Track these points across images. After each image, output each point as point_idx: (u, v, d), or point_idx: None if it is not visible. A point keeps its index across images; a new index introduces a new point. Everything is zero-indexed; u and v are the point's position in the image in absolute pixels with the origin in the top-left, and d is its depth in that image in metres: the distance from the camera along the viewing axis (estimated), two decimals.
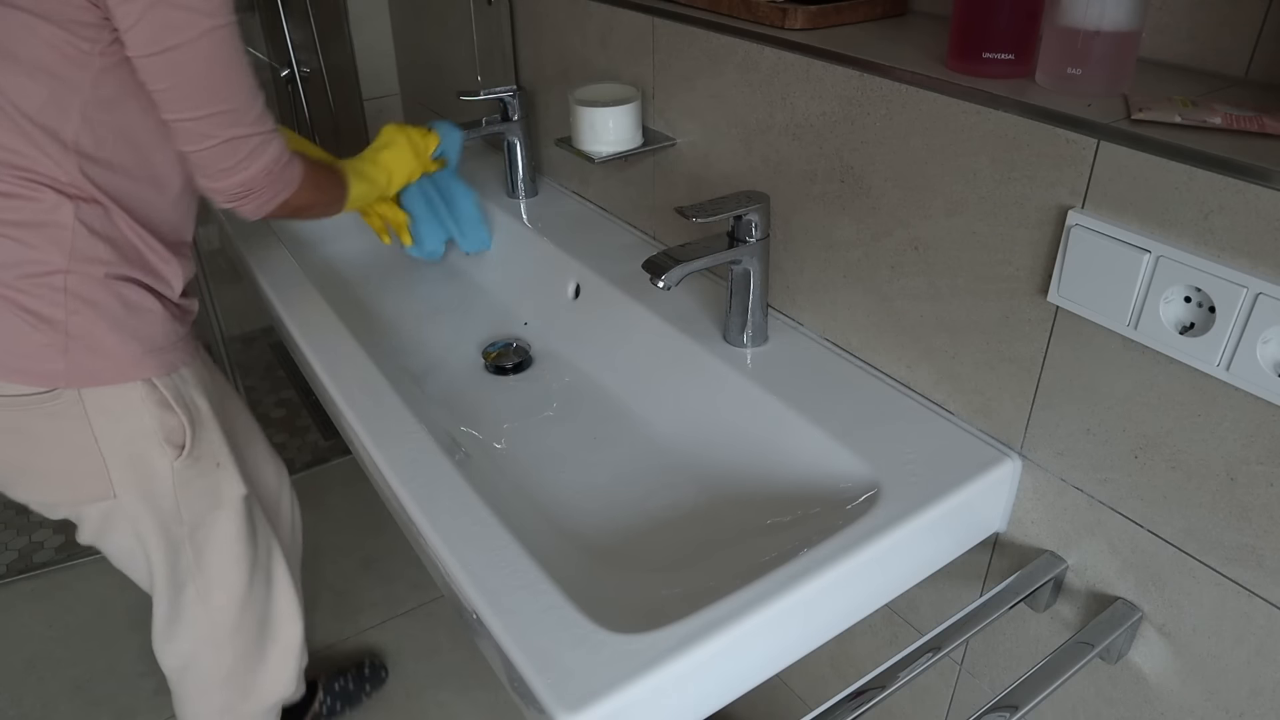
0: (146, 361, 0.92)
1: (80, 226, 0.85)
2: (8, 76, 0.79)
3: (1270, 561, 0.63)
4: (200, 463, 1.01)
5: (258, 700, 1.26)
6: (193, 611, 1.12)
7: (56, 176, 0.83)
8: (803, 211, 0.92)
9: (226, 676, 1.20)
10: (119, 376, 0.90)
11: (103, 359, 0.88)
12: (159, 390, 0.94)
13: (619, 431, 1.01)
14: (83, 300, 0.86)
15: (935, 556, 0.80)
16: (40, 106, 0.81)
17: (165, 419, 0.95)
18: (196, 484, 1.02)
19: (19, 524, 2.00)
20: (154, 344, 0.92)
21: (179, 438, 0.97)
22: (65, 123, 0.82)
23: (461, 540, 0.73)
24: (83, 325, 0.87)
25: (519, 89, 1.29)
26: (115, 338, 0.89)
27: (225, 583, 1.11)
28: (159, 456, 0.96)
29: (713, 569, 0.80)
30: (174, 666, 1.18)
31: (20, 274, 0.84)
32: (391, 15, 1.85)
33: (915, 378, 0.87)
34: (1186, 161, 0.59)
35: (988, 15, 0.71)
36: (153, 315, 0.93)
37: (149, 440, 0.95)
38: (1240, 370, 0.60)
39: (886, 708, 1.06)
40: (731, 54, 0.94)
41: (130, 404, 0.92)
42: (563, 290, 1.19)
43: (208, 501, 1.05)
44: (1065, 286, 0.68)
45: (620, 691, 0.60)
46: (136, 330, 0.91)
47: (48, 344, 0.86)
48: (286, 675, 1.27)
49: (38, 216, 0.83)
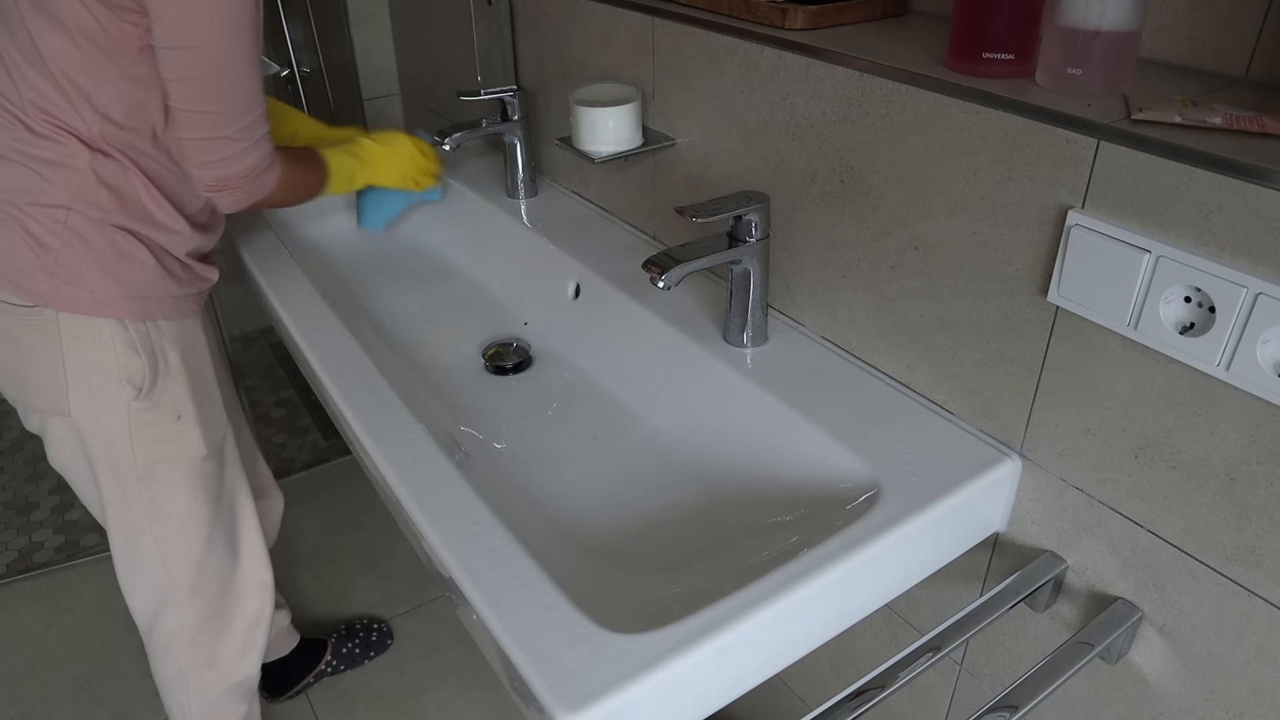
0: (123, 304, 1.00)
1: (91, 174, 0.95)
2: (58, 40, 0.89)
3: (1270, 561, 0.63)
4: (158, 410, 1.07)
5: (222, 673, 1.27)
6: (150, 564, 1.16)
7: (82, 131, 0.94)
8: (803, 211, 0.92)
9: (190, 641, 1.23)
10: (92, 309, 0.98)
11: (82, 290, 0.97)
12: (129, 332, 1.01)
13: (619, 431, 1.01)
14: (77, 236, 0.96)
15: (935, 556, 0.80)
16: (81, 71, 0.91)
17: (129, 359, 1.02)
18: (152, 430, 1.07)
19: (19, 524, 2.00)
20: (135, 291, 1.00)
21: (139, 379, 1.04)
22: (99, 89, 0.92)
23: (461, 540, 0.73)
24: (71, 258, 0.96)
25: (519, 89, 1.29)
26: (98, 275, 0.97)
27: (182, 538, 1.16)
28: (115, 392, 1.03)
29: (713, 569, 0.80)
30: (143, 626, 1.23)
31: (30, 200, 0.94)
32: (391, 15, 1.85)
33: (915, 378, 0.87)
34: (1186, 161, 0.59)
35: (988, 15, 0.71)
36: (143, 266, 1.00)
37: (108, 374, 1.02)
38: (1240, 370, 0.60)
39: (886, 708, 1.06)
40: (731, 54, 0.94)
41: (99, 336, 1.00)
42: (563, 290, 1.19)
43: (164, 450, 1.09)
44: (1065, 286, 0.68)
45: (620, 691, 0.60)
46: (120, 274, 0.99)
47: (39, 265, 0.96)
48: (253, 652, 1.30)
49: (57, 157, 0.94)
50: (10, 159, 0.94)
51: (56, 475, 2.12)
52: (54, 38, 0.89)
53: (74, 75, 0.91)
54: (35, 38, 0.90)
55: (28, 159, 0.94)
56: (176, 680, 1.26)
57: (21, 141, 0.93)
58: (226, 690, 1.29)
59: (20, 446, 2.24)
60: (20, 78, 0.92)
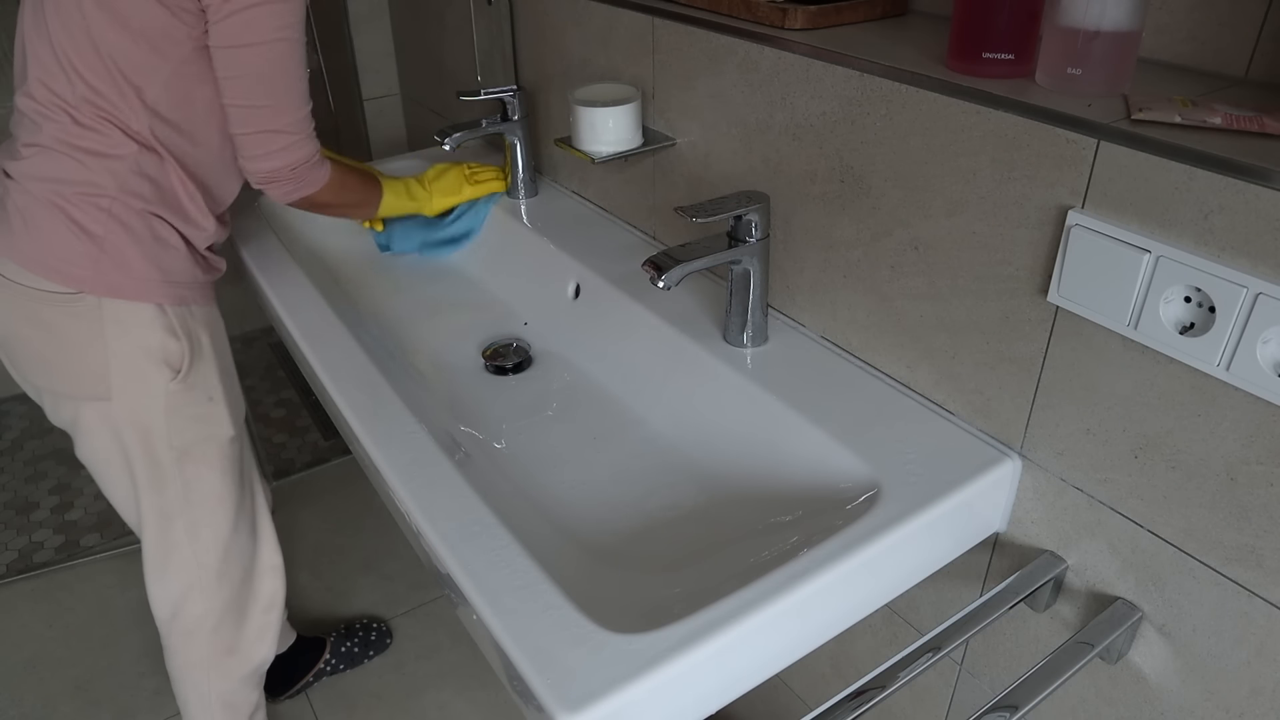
0: (163, 288, 1.03)
1: (135, 165, 0.99)
2: (117, 36, 0.94)
3: (1270, 561, 0.63)
4: (193, 391, 1.10)
5: (242, 659, 1.29)
6: (181, 551, 1.18)
7: (129, 124, 0.98)
8: (803, 211, 0.92)
9: (215, 626, 1.24)
10: (136, 294, 1.02)
11: (126, 276, 1.01)
12: (168, 315, 1.05)
13: (619, 431, 1.01)
14: (120, 224, 0.99)
15: (935, 556, 0.80)
16: (135, 67, 0.95)
17: (167, 342, 1.06)
18: (187, 411, 1.10)
19: (19, 524, 2.00)
20: (172, 276, 1.04)
21: (177, 361, 1.07)
22: (150, 85, 0.97)
23: (461, 540, 0.73)
24: (116, 244, 0.99)
25: (519, 89, 1.29)
26: (140, 261, 1.01)
27: (212, 520, 1.18)
28: (155, 374, 1.06)
29: (713, 569, 0.80)
30: (165, 616, 1.23)
31: (76, 190, 0.98)
32: (391, 15, 1.85)
33: (915, 378, 0.87)
34: (1186, 161, 0.59)
35: (988, 15, 0.71)
36: (177, 253, 1.05)
37: (150, 357, 1.05)
38: (1240, 370, 0.60)
39: (886, 708, 1.06)
40: (731, 54, 0.94)
41: (141, 320, 1.03)
42: (563, 290, 1.19)
43: (198, 431, 1.12)
44: (1065, 286, 0.68)
45: (620, 691, 0.60)
46: (160, 260, 1.03)
47: (84, 253, 0.99)
48: (268, 635, 1.32)
49: (103, 148, 0.98)
50: (55, 150, 0.97)
51: (56, 475, 2.13)
52: (114, 35, 0.93)
53: (129, 71, 0.95)
54: (93, 34, 0.93)
55: (72, 149, 0.97)
56: (198, 668, 1.27)
57: (68, 133, 0.97)
58: (244, 677, 1.31)
59: (20, 446, 2.24)
60: (74, 74, 0.95)
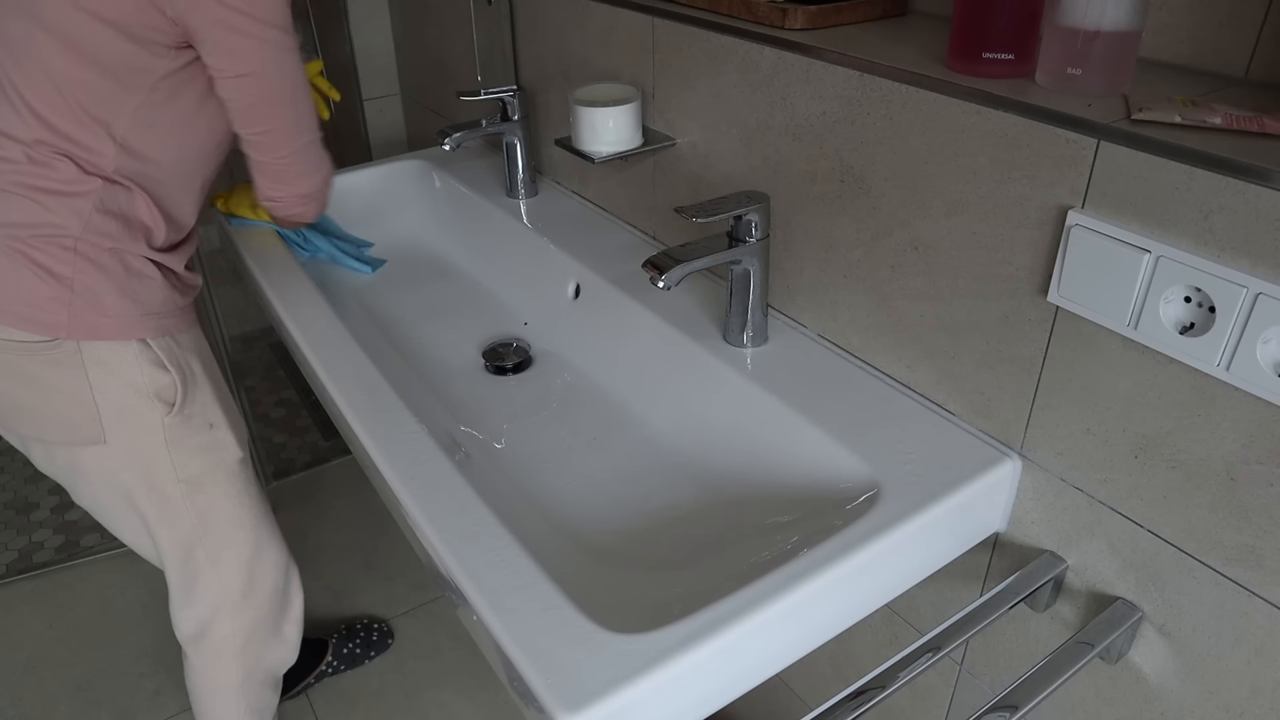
0: (143, 322, 0.99)
1: (99, 202, 0.94)
2: (82, 73, 0.89)
3: (1270, 561, 0.63)
4: (192, 421, 1.07)
5: (268, 670, 1.29)
6: (205, 575, 1.16)
7: (95, 161, 0.93)
8: (803, 211, 0.92)
9: (244, 645, 1.23)
10: (115, 333, 0.98)
11: (102, 316, 0.96)
12: (153, 350, 1.01)
13: (619, 431, 1.01)
14: (89, 262, 0.94)
15: (935, 556, 0.80)
16: (101, 102, 0.91)
17: (157, 376, 1.02)
18: (189, 442, 1.07)
19: (19, 524, 2.00)
20: (150, 308, 1.00)
21: (170, 395, 1.04)
22: (117, 119, 0.93)
23: (461, 540, 0.73)
24: (87, 284, 0.95)
25: (519, 89, 1.29)
26: (115, 298, 0.97)
27: (233, 543, 1.16)
28: (149, 411, 1.03)
29: (713, 569, 0.80)
30: (190, 634, 1.21)
31: (36, 233, 0.92)
32: (391, 15, 1.85)
33: (915, 378, 0.87)
34: (1186, 161, 0.59)
35: (988, 15, 0.71)
36: (152, 283, 1.00)
37: (140, 394, 1.02)
38: (1240, 370, 0.60)
39: (886, 708, 1.06)
40: (731, 54, 0.94)
41: (125, 359, 0.99)
42: (563, 290, 1.19)
43: (204, 461, 1.10)
44: (1065, 286, 0.68)
45: (620, 691, 0.60)
46: (136, 294, 0.98)
47: (54, 297, 0.94)
48: (294, 644, 1.32)
49: (64, 187, 0.93)
50: (10, 192, 0.92)
51: None
52: (78, 71, 0.89)
53: (92, 107, 0.91)
54: (53, 71, 0.89)
55: (27, 190, 0.92)
56: (228, 690, 1.25)
57: (21, 173, 0.91)
58: (271, 685, 1.31)
59: None
60: (27, 111, 0.91)
